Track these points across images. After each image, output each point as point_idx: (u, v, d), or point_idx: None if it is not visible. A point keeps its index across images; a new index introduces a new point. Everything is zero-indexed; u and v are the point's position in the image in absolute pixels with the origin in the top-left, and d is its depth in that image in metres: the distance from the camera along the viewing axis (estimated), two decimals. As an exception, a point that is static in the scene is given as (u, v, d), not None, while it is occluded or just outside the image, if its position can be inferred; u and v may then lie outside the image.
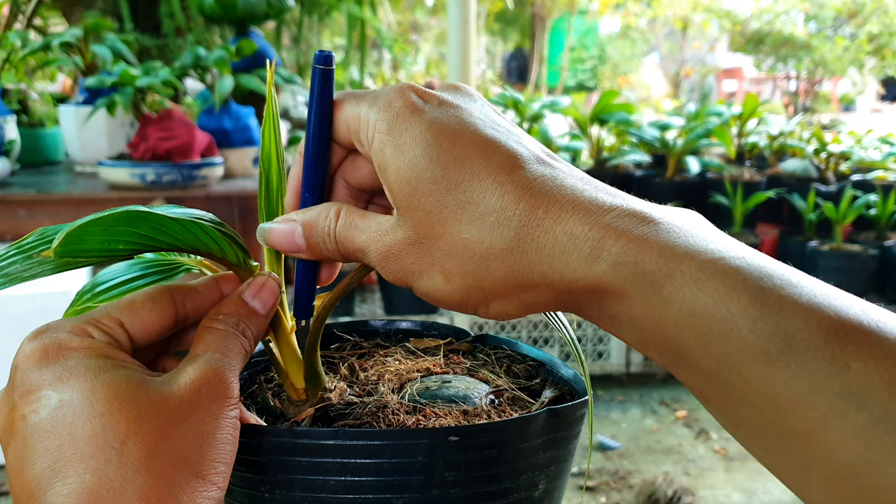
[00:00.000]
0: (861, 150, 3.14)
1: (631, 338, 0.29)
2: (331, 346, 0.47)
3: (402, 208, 0.31)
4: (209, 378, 0.31)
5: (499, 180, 0.29)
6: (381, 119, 0.31)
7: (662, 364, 0.29)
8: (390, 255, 0.32)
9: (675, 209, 0.30)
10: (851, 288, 1.16)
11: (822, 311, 0.25)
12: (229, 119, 2.13)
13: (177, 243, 0.32)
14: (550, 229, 0.29)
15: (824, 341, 0.25)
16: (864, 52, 6.91)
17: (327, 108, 0.34)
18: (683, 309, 0.27)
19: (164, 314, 0.33)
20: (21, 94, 2.49)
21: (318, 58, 0.34)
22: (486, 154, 0.30)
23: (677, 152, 2.85)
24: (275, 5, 2.49)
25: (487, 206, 0.29)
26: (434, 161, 0.30)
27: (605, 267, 0.28)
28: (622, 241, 0.28)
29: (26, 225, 1.82)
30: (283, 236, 0.34)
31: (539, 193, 0.29)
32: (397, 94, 0.31)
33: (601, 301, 0.29)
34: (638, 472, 2.00)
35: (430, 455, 0.32)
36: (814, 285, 0.27)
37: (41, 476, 0.28)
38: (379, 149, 0.31)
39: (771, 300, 0.26)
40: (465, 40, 2.68)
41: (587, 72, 9.42)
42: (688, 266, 0.27)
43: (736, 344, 0.26)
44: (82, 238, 0.29)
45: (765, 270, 0.27)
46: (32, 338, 0.31)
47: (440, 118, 0.31)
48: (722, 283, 0.26)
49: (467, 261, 0.30)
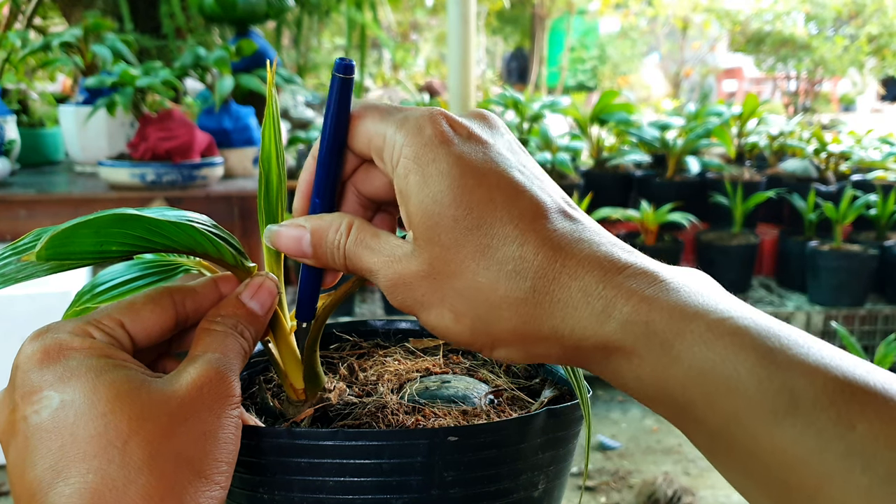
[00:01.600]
0: (861, 150, 3.13)
1: (637, 393, 0.30)
2: (330, 346, 0.47)
3: (419, 240, 0.31)
4: (211, 377, 0.31)
5: (521, 228, 0.29)
6: (408, 144, 0.31)
7: (669, 420, 0.29)
8: (400, 283, 0.31)
9: (683, 269, 0.31)
10: (851, 288, 1.17)
11: (828, 372, 0.26)
12: (229, 119, 2.13)
13: (172, 244, 0.32)
14: (566, 284, 0.29)
15: (830, 401, 0.25)
16: (864, 52, 6.91)
17: (344, 117, 0.33)
18: (692, 367, 0.27)
19: (164, 315, 0.33)
20: (21, 94, 2.50)
21: (339, 66, 0.33)
22: (511, 200, 0.30)
23: (677, 152, 2.85)
24: (275, 5, 2.49)
25: (507, 252, 0.29)
26: (458, 199, 0.30)
27: (616, 325, 0.28)
28: (633, 300, 0.28)
29: (26, 225, 1.82)
30: (291, 241, 0.34)
31: (558, 247, 0.29)
32: (428, 121, 0.31)
33: (609, 358, 0.29)
34: (638, 472, 2.00)
35: (430, 455, 0.32)
36: (819, 346, 0.27)
37: (43, 476, 0.28)
38: (403, 175, 0.31)
39: (778, 359, 0.26)
40: (465, 40, 2.68)
41: (587, 72, 9.42)
42: (697, 325, 0.27)
43: (743, 401, 0.26)
44: (72, 240, 0.29)
45: (771, 330, 0.27)
46: (33, 338, 0.31)
47: (468, 154, 0.31)
48: (730, 342, 0.27)
49: (480, 305, 0.30)
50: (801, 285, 2.74)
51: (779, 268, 2.92)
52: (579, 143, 2.91)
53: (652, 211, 2.58)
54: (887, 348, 1.91)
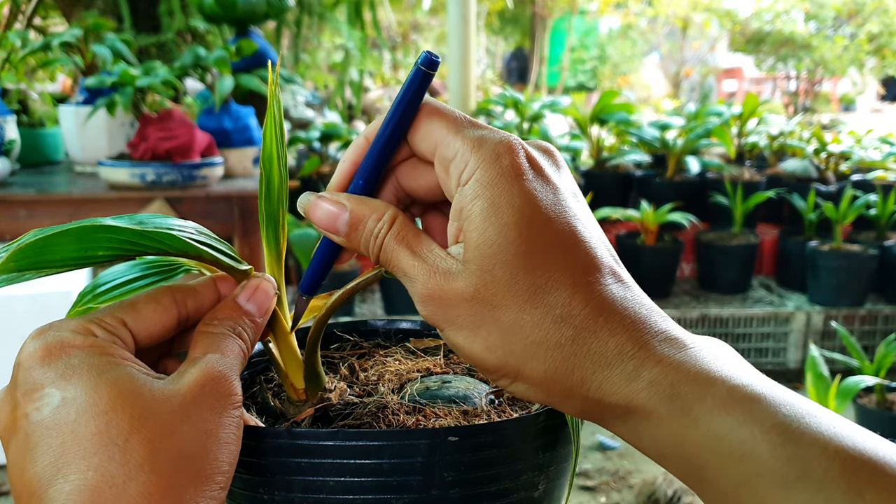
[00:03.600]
0: (861, 150, 3.14)
1: (650, 452, 0.30)
2: (331, 346, 0.47)
3: (472, 263, 0.31)
4: (212, 377, 0.31)
5: (575, 279, 0.30)
6: (483, 169, 0.31)
7: (679, 478, 0.30)
8: (437, 298, 0.31)
9: (707, 339, 0.32)
10: (851, 288, 1.17)
11: (840, 442, 0.27)
12: (229, 119, 2.13)
13: (164, 248, 0.32)
14: (605, 339, 0.30)
15: (840, 471, 0.26)
16: (864, 51, 6.91)
17: (413, 109, 0.33)
18: (709, 430, 0.28)
19: (166, 314, 0.33)
20: (21, 94, 2.50)
21: (425, 59, 0.33)
22: (571, 250, 0.31)
23: (677, 152, 2.85)
24: (275, 5, 2.49)
25: (557, 298, 0.30)
26: (524, 237, 0.30)
27: (643, 386, 0.29)
28: (662, 364, 0.29)
29: (26, 225, 1.82)
30: (327, 216, 0.33)
31: (605, 304, 0.30)
32: (507, 151, 0.31)
33: (629, 417, 0.30)
34: (638, 472, 2.00)
35: (430, 455, 0.32)
36: (830, 416, 0.28)
37: (43, 473, 0.28)
38: (471, 197, 0.31)
39: (791, 427, 0.27)
40: (465, 40, 2.69)
41: (587, 72, 9.42)
42: (717, 391, 0.28)
43: (756, 467, 0.27)
44: (49, 249, 0.29)
45: (786, 399, 0.28)
46: (35, 336, 0.31)
47: (539, 194, 0.31)
48: (748, 409, 0.28)
49: (518, 341, 0.30)
50: (801, 285, 2.74)
51: (779, 268, 2.92)
52: (579, 143, 2.91)
53: (652, 211, 2.58)
54: (887, 348, 1.90)
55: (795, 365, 2.63)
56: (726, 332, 2.62)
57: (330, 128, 2.86)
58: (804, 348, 2.57)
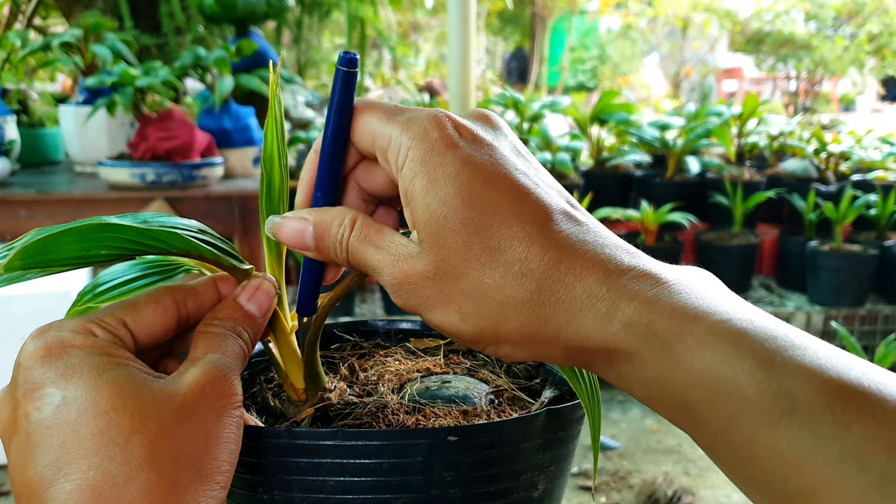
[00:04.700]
0: (861, 150, 3.13)
1: (640, 395, 0.30)
2: (331, 346, 0.47)
3: (425, 242, 0.31)
4: (213, 377, 0.31)
5: (527, 231, 0.30)
6: (414, 147, 0.31)
7: (671, 421, 0.30)
8: (406, 282, 0.31)
9: (686, 269, 0.31)
10: (851, 288, 1.16)
11: (825, 373, 0.26)
12: (229, 119, 2.13)
13: (166, 247, 0.32)
14: (571, 285, 0.29)
15: (826, 403, 0.25)
16: (864, 52, 6.91)
17: (347, 112, 0.33)
18: (692, 369, 0.27)
19: (166, 314, 0.33)
20: (21, 94, 2.49)
21: (343, 59, 0.33)
22: (517, 202, 0.30)
23: (677, 152, 2.85)
24: (275, 5, 2.49)
25: (513, 254, 0.30)
26: (466, 202, 0.30)
27: (619, 327, 0.28)
28: (636, 302, 0.28)
29: (26, 225, 1.82)
30: (293, 233, 0.34)
31: (563, 249, 0.30)
32: (433, 124, 0.31)
33: (612, 360, 0.29)
34: (638, 472, 2.00)
35: (429, 455, 0.32)
36: (816, 346, 0.27)
37: (44, 473, 0.28)
38: (409, 178, 0.31)
39: (775, 362, 0.26)
40: (465, 40, 2.68)
41: (587, 72, 9.42)
42: (697, 328, 0.28)
43: (741, 404, 0.26)
44: (51, 249, 0.29)
45: (769, 332, 0.27)
46: (36, 336, 0.31)
47: (475, 157, 0.31)
48: (730, 345, 0.27)
49: (486, 305, 0.30)
50: (801, 285, 2.74)
51: (779, 268, 2.92)
52: (579, 143, 2.91)
53: (652, 211, 2.58)
54: (887, 348, 1.91)
55: (795, 365, 2.63)
56: (726, 332, 2.62)
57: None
58: (804, 348, 2.57)
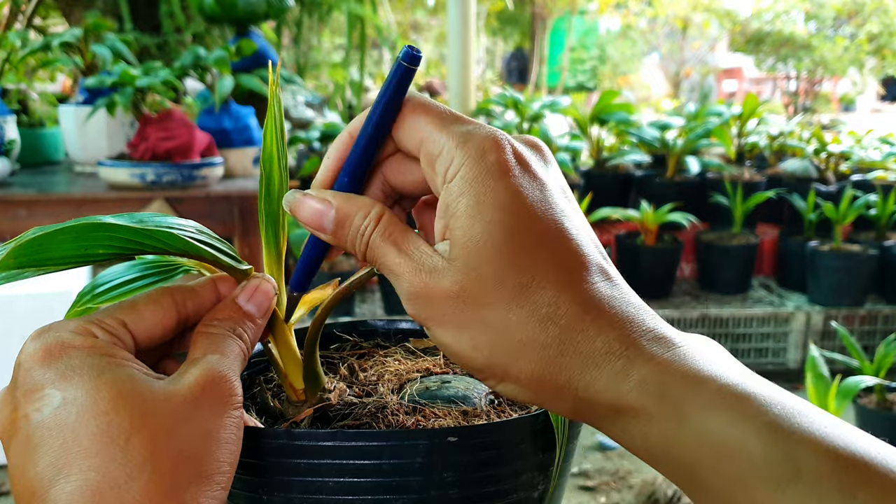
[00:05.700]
0: (861, 150, 3.13)
1: (641, 452, 0.30)
2: (330, 346, 0.47)
3: (457, 261, 0.30)
4: (213, 378, 0.31)
5: (561, 278, 0.30)
6: (468, 166, 0.30)
7: (671, 480, 0.30)
8: (423, 295, 0.31)
9: (697, 336, 0.31)
10: (851, 288, 1.16)
11: (832, 442, 0.27)
12: (229, 119, 2.13)
13: (165, 247, 0.32)
14: (592, 339, 0.29)
15: (832, 470, 0.26)
16: (864, 52, 6.91)
17: (396, 105, 0.32)
18: (699, 429, 0.28)
19: (165, 315, 0.33)
20: (21, 94, 2.49)
21: (406, 54, 0.32)
22: (557, 247, 0.30)
23: (677, 152, 2.85)
24: (275, 5, 2.49)
25: (543, 297, 0.30)
26: (509, 235, 0.30)
27: (633, 385, 0.29)
28: (651, 363, 0.29)
29: (26, 225, 1.82)
30: (312, 213, 0.33)
31: (592, 302, 0.30)
32: (493, 146, 0.31)
33: (619, 417, 0.29)
34: (638, 472, 2.00)
35: (429, 456, 0.32)
36: (822, 416, 0.28)
37: (44, 474, 0.28)
38: (458, 193, 0.30)
39: (783, 427, 0.27)
40: (465, 40, 2.69)
41: (587, 72, 9.42)
42: (706, 390, 0.28)
43: (747, 466, 0.27)
44: (48, 246, 0.29)
45: (776, 398, 0.28)
46: (35, 337, 0.31)
47: (526, 191, 0.31)
48: (738, 408, 0.27)
49: (505, 340, 0.30)
50: (801, 285, 2.74)
51: (779, 268, 2.92)
52: (579, 143, 2.91)
53: (652, 211, 2.58)
54: (887, 348, 1.90)
55: (795, 365, 2.63)
56: (726, 332, 2.62)
57: (330, 128, 2.87)
58: (804, 348, 2.57)
